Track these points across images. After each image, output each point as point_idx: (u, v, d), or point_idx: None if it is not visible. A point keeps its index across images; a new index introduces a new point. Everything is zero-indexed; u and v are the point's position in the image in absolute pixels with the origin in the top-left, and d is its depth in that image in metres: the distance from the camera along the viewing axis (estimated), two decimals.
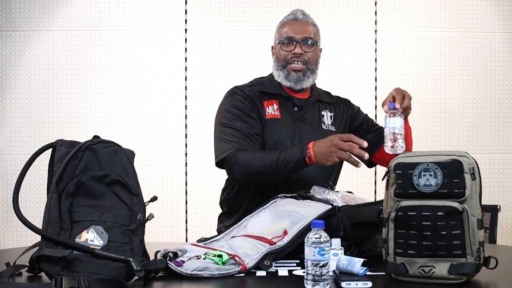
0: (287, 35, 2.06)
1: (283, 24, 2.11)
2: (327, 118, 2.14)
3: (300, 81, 2.06)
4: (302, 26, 2.08)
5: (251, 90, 2.09)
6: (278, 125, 2.04)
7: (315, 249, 1.28)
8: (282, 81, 2.07)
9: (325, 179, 2.09)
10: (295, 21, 2.10)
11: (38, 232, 1.37)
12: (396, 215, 1.39)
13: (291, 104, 2.09)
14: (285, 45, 2.06)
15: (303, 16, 2.11)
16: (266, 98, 2.08)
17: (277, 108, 2.06)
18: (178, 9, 3.61)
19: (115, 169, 1.47)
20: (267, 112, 2.05)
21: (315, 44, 2.08)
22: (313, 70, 2.09)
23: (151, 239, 1.83)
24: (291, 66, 2.06)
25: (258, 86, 2.11)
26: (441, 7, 3.65)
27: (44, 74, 3.57)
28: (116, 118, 3.58)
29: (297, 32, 2.06)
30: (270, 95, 2.08)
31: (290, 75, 2.06)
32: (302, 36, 2.05)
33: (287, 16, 2.13)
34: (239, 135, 1.96)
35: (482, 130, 3.65)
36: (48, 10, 3.58)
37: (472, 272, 1.35)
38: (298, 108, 2.09)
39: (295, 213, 1.66)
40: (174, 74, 3.61)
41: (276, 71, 2.10)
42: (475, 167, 1.38)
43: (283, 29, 2.09)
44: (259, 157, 1.88)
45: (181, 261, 1.46)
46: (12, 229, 3.56)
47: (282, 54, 2.07)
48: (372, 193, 3.61)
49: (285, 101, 2.09)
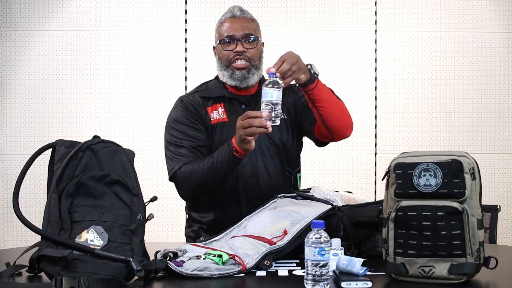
0: (227, 34, 2.02)
1: (222, 22, 2.07)
2: None
3: (245, 79, 2.03)
4: (241, 23, 2.04)
5: (194, 99, 2.07)
6: (227, 127, 2.01)
7: (315, 249, 1.28)
8: (227, 80, 2.04)
9: (283, 169, 2.06)
10: (234, 18, 2.05)
11: (38, 232, 1.37)
12: (396, 215, 1.39)
13: (237, 103, 2.06)
14: (226, 44, 2.02)
15: (241, 12, 2.07)
16: (210, 104, 2.06)
17: (223, 111, 2.04)
18: (178, 9, 3.61)
19: (115, 169, 1.47)
20: (212, 118, 2.04)
21: (256, 39, 2.04)
22: (257, 66, 2.05)
23: (151, 239, 1.83)
24: (235, 65, 2.02)
25: (202, 92, 2.09)
26: (441, 7, 3.65)
27: (44, 74, 3.57)
28: (116, 118, 3.58)
29: (237, 29, 2.02)
30: (215, 99, 2.07)
31: (234, 74, 2.02)
32: (242, 33, 2.02)
33: (224, 15, 2.09)
34: (185, 151, 1.97)
35: (482, 130, 3.65)
36: (48, 10, 3.58)
37: (472, 272, 1.35)
38: (245, 106, 2.06)
39: (295, 213, 1.66)
40: (174, 74, 3.61)
41: (220, 71, 2.06)
42: (475, 167, 1.38)
43: (222, 28, 2.05)
44: (196, 168, 1.90)
45: (181, 261, 1.46)
46: (12, 229, 3.56)
47: (224, 54, 2.03)
48: (372, 193, 3.61)
49: (230, 102, 2.07)
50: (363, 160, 3.61)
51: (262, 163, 2.03)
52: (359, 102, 3.62)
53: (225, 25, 2.05)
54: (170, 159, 1.99)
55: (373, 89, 3.64)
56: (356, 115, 3.58)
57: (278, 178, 2.05)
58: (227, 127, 2.02)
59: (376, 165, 3.62)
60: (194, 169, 1.90)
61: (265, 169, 2.03)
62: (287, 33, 3.59)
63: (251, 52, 2.03)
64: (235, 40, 2.02)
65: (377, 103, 3.63)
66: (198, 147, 1.99)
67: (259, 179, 2.02)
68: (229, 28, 2.03)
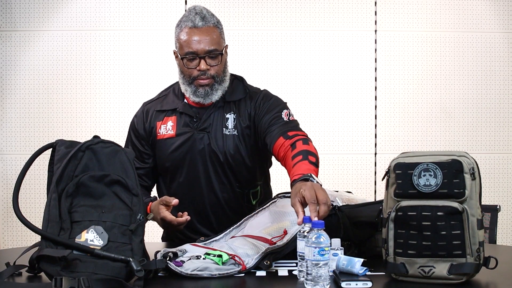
0: (188, 50, 1.89)
1: (182, 30, 1.92)
2: (231, 121, 1.99)
3: (208, 96, 1.94)
4: (203, 36, 1.89)
5: (150, 110, 2.06)
6: (171, 144, 1.98)
7: (315, 249, 1.28)
8: (190, 96, 1.97)
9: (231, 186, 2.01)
10: (194, 29, 1.90)
11: (38, 232, 1.37)
12: (396, 215, 1.39)
13: (188, 116, 1.99)
14: (189, 61, 1.92)
15: (202, 22, 1.91)
16: (161, 118, 2.02)
17: (172, 126, 2.00)
18: (178, 9, 3.61)
19: (115, 169, 1.47)
20: (159, 133, 2.01)
21: (220, 54, 1.93)
22: (221, 81, 1.96)
23: (151, 239, 1.84)
24: (198, 82, 1.93)
25: (159, 104, 2.06)
26: (441, 7, 3.65)
27: (44, 74, 3.57)
28: (116, 118, 3.58)
29: (199, 44, 1.89)
30: (167, 112, 2.03)
31: (197, 91, 1.94)
32: (205, 50, 1.89)
33: (184, 21, 1.93)
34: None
35: (482, 130, 3.65)
36: (48, 10, 3.58)
37: (472, 272, 1.35)
38: (196, 119, 1.98)
39: (295, 212, 1.65)
40: (174, 74, 3.59)
41: (183, 85, 1.98)
42: (475, 167, 1.38)
43: (181, 39, 1.91)
44: None
45: (181, 261, 1.46)
46: (12, 229, 3.56)
47: (186, 71, 1.93)
48: (372, 193, 3.61)
49: (181, 115, 2.00)
50: (363, 160, 3.61)
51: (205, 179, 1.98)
52: (359, 102, 3.62)
53: (186, 37, 1.90)
54: None
55: (373, 89, 3.63)
56: (356, 115, 3.61)
57: (225, 195, 2.00)
58: (172, 144, 1.99)
59: (376, 165, 3.62)
60: None
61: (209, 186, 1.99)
62: (287, 33, 3.59)
63: (215, 69, 1.93)
64: (197, 57, 1.91)
65: (377, 103, 3.63)
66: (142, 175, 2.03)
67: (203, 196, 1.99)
68: (191, 43, 1.89)
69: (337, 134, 3.59)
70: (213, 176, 1.98)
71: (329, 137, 3.59)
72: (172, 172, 2.00)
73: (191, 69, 1.93)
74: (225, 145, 1.96)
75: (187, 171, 1.98)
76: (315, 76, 3.58)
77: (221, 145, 1.96)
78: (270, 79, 3.51)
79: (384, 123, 3.63)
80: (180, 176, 1.99)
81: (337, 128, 3.58)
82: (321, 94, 3.56)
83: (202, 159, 1.97)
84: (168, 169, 2.01)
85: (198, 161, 1.97)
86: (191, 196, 1.99)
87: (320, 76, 3.60)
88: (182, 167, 1.98)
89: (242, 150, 1.98)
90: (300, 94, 3.56)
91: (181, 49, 1.93)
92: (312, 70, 3.56)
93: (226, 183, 2.00)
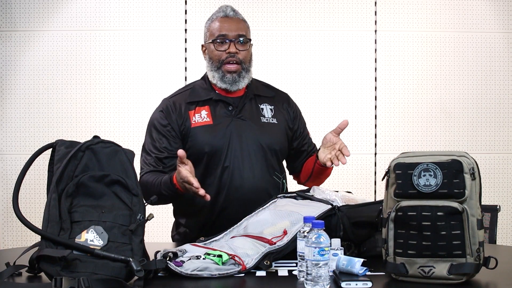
0: (219, 33, 2.02)
1: (213, 21, 2.06)
2: (267, 111, 2.11)
3: (235, 83, 2.03)
4: (234, 24, 2.03)
5: (176, 101, 2.07)
6: (210, 130, 2.01)
7: (315, 249, 1.28)
8: (217, 82, 2.04)
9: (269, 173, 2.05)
10: (226, 18, 2.04)
11: (38, 232, 1.37)
12: (396, 215, 1.39)
13: (224, 106, 2.05)
14: (218, 44, 2.02)
15: (233, 13, 2.06)
16: (193, 108, 2.05)
17: (207, 114, 2.03)
18: (178, 9, 3.61)
19: (115, 169, 1.47)
20: (193, 121, 2.03)
21: (248, 42, 2.05)
22: (248, 69, 2.06)
23: (151, 239, 1.83)
24: (226, 68, 2.02)
25: (188, 96, 2.08)
26: (441, 7, 3.65)
27: (44, 74, 3.57)
28: (116, 118, 3.58)
29: (230, 29, 2.02)
30: (199, 103, 2.06)
31: (225, 76, 2.02)
32: (235, 34, 2.02)
33: (216, 13, 2.08)
34: (150, 160, 2.01)
35: (482, 130, 3.65)
36: (48, 10, 3.58)
37: (472, 272, 1.35)
38: (232, 107, 2.05)
39: (295, 213, 1.66)
40: (174, 74, 3.60)
41: (210, 72, 2.06)
42: (475, 167, 1.38)
43: (213, 27, 2.04)
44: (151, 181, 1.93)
45: (181, 261, 1.46)
46: (12, 229, 3.56)
47: (216, 54, 2.03)
48: (372, 193, 3.61)
49: (216, 104, 2.05)
50: (363, 160, 3.61)
51: (248, 165, 2.00)
52: (359, 102, 3.62)
53: (217, 24, 2.04)
54: (141, 163, 2.05)
55: (373, 89, 3.63)
56: (356, 115, 3.61)
57: (264, 181, 2.03)
58: (210, 130, 2.01)
59: (376, 165, 3.62)
60: (150, 181, 1.93)
61: (252, 171, 2.01)
62: (287, 33, 3.59)
63: (243, 54, 2.03)
64: (227, 41, 2.01)
65: (377, 103, 3.63)
66: (163, 159, 2.01)
67: (244, 181, 1.99)
68: (222, 28, 2.02)
69: None
70: (254, 161, 2.01)
71: None
72: (211, 157, 2.01)
73: (220, 52, 2.02)
74: (264, 132, 2.05)
75: (226, 156, 2.00)
76: (315, 76, 3.57)
77: (260, 132, 2.04)
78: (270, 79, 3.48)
79: (384, 123, 3.63)
80: (220, 161, 2.00)
81: None
82: (321, 94, 3.56)
83: (242, 144, 2.01)
84: (207, 154, 2.01)
85: (238, 146, 2.01)
86: (232, 180, 1.99)
87: (320, 76, 3.59)
88: (221, 152, 2.00)
89: (279, 138, 2.09)
90: (300, 94, 3.55)
91: (211, 35, 2.05)
92: (312, 70, 3.56)
93: (265, 169, 2.03)
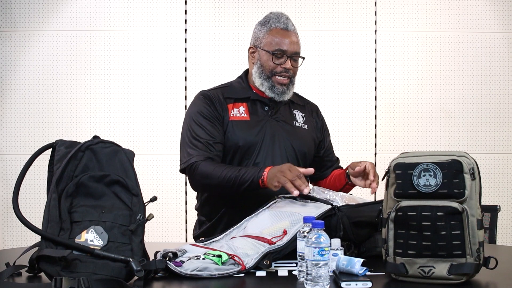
0: (279, 48, 2.06)
1: (273, 30, 2.08)
2: (299, 117, 2.21)
3: (283, 94, 2.10)
4: (293, 39, 2.08)
5: (215, 93, 2.11)
6: (246, 126, 2.07)
7: (315, 249, 1.28)
8: (266, 91, 2.09)
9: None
10: (287, 32, 2.08)
11: (38, 232, 1.37)
12: (396, 215, 1.39)
13: (261, 105, 2.12)
14: (276, 57, 2.06)
15: (293, 27, 2.10)
16: (231, 101, 2.10)
17: (245, 110, 2.10)
18: (178, 9, 3.61)
19: (115, 169, 1.47)
20: (231, 115, 2.07)
21: (301, 58, 2.12)
22: (294, 82, 2.13)
23: (151, 239, 1.84)
24: (277, 79, 2.08)
25: (226, 91, 2.13)
26: (441, 7, 3.65)
27: (44, 74, 3.57)
28: (116, 118, 3.58)
29: (290, 46, 2.06)
30: (237, 99, 2.11)
31: (275, 87, 2.08)
32: (294, 52, 2.07)
33: (275, 22, 2.10)
34: (201, 146, 2.01)
35: (482, 130, 3.65)
36: (48, 10, 3.58)
37: (472, 272, 1.35)
38: (269, 107, 2.12)
39: (294, 213, 1.66)
40: (174, 74, 3.61)
41: (259, 79, 2.10)
42: (475, 167, 1.38)
43: (273, 38, 2.07)
44: (219, 171, 1.92)
45: (180, 261, 1.46)
46: (12, 229, 3.56)
47: (270, 65, 2.07)
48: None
49: (254, 103, 2.12)
50: (363, 160, 3.61)
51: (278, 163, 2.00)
52: (359, 102, 3.62)
53: (278, 36, 2.07)
54: (189, 149, 2.02)
55: (373, 89, 3.63)
56: (356, 115, 3.61)
57: None
58: (247, 126, 2.07)
59: (376, 165, 3.62)
60: (216, 171, 1.93)
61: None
62: None
63: (294, 70, 2.11)
64: (284, 56, 2.06)
65: (377, 103, 3.63)
66: (214, 144, 2.02)
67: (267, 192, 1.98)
68: (282, 43, 2.06)
69: (337, 134, 3.58)
70: (284, 160, 2.05)
71: None
72: (244, 151, 2.05)
73: (276, 65, 2.07)
74: (295, 134, 2.14)
75: (258, 152, 2.05)
76: (315, 76, 3.57)
77: (292, 134, 2.12)
78: None
79: (384, 123, 3.63)
80: (252, 156, 2.05)
81: (337, 128, 3.58)
82: (321, 94, 3.55)
83: (274, 143, 2.07)
84: (240, 149, 2.05)
85: (270, 144, 2.07)
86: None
87: (320, 76, 3.59)
88: (254, 149, 2.05)
89: (308, 143, 2.17)
90: (300, 94, 3.56)
91: (270, 46, 2.08)
92: (312, 70, 3.56)
93: None
